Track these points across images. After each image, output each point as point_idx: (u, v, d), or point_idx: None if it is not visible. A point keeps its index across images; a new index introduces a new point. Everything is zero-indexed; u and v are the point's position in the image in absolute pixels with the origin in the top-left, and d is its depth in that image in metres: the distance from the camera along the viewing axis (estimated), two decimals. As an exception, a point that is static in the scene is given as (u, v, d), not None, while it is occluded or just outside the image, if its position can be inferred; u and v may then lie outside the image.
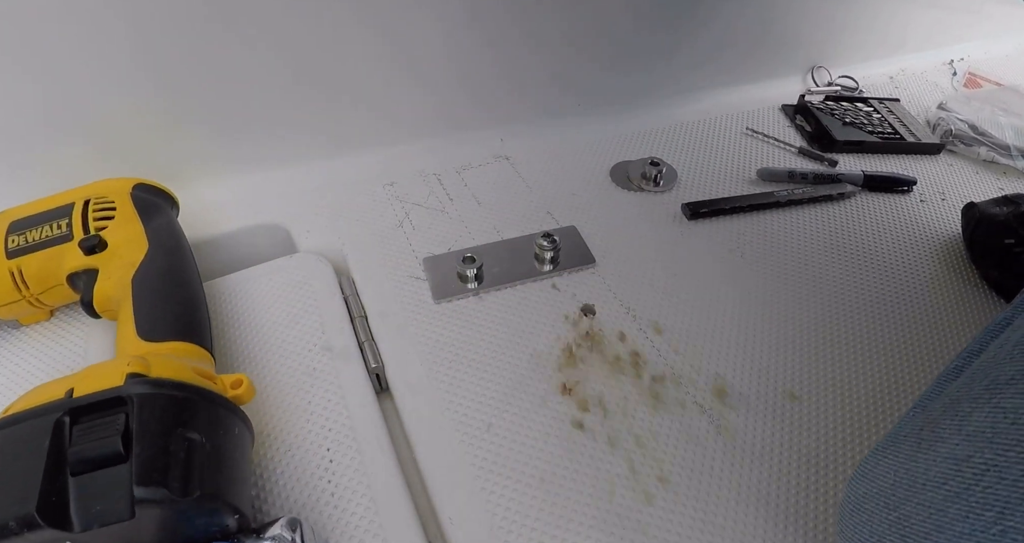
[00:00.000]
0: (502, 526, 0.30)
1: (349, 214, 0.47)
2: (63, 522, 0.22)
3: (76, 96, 0.41)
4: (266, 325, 0.38)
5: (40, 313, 0.38)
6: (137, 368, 0.27)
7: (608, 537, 0.30)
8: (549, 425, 0.34)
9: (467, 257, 0.41)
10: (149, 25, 0.40)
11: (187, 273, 0.36)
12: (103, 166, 0.42)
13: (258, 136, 0.48)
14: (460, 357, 0.37)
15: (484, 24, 0.50)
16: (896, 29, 0.72)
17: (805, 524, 0.31)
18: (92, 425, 0.24)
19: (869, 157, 0.59)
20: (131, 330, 0.31)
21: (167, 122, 0.44)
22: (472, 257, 0.41)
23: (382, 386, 0.37)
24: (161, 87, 0.43)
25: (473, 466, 0.32)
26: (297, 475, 0.31)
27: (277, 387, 0.35)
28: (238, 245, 0.46)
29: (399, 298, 0.41)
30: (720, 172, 0.54)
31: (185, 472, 0.24)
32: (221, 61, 0.43)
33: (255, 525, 0.26)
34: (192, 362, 0.29)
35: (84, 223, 0.36)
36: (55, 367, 0.36)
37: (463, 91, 0.53)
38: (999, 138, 0.59)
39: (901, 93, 0.70)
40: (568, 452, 0.33)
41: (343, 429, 0.33)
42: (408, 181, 0.50)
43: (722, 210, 0.49)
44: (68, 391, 0.25)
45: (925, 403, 0.27)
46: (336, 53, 0.46)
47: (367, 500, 0.30)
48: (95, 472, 0.23)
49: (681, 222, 0.49)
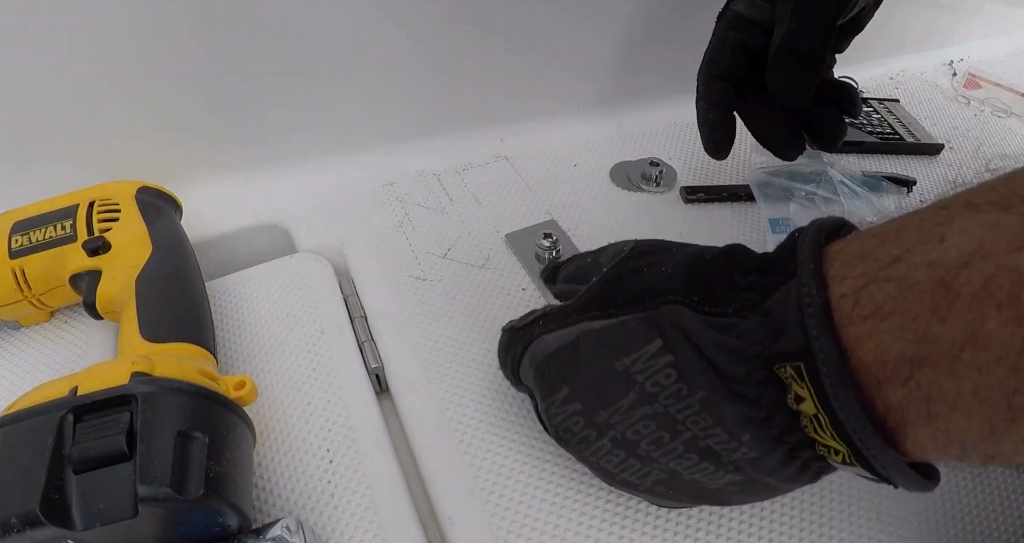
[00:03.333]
0: (502, 526, 0.30)
1: (349, 214, 0.47)
2: (65, 520, 0.22)
3: (77, 98, 0.41)
4: (265, 325, 0.38)
5: (41, 314, 0.38)
6: (142, 367, 0.27)
7: (609, 537, 0.30)
8: (549, 425, 0.34)
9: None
10: (149, 26, 0.40)
11: (191, 275, 0.36)
12: (103, 166, 0.42)
13: (258, 136, 0.48)
14: (460, 357, 0.37)
15: (484, 23, 0.50)
16: (896, 29, 0.73)
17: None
18: (96, 423, 0.24)
19: (869, 157, 0.59)
20: (134, 331, 0.31)
21: (168, 122, 0.45)
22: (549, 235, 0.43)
23: (382, 386, 0.37)
24: (162, 88, 0.43)
25: (473, 466, 0.32)
26: (297, 475, 0.31)
27: (277, 387, 0.35)
28: (237, 245, 0.46)
29: (399, 298, 0.41)
30: (720, 172, 0.54)
31: (188, 472, 0.24)
32: (221, 61, 0.43)
33: (256, 525, 0.27)
34: (195, 363, 0.30)
35: (88, 225, 0.36)
36: (55, 368, 0.36)
37: (463, 91, 0.53)
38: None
39: (901, 93, 0.70)
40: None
41: (343, 429, 0.33)
42: (408, 181, 0.51)
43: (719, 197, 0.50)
44: (72, 389, 0.26)
45: None
46: (336, 53, 0.47)
47: (367, 500, 0.30)
48: (98, 470, 0.23)
49: (681, 222, 0.49)
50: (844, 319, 0.19)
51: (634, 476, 0.26)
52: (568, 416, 0.26)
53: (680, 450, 0.24)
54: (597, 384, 0.25)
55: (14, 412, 0.25)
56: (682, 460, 0.24)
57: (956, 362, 0.17)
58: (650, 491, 0.26)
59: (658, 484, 0.26)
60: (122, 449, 0.23)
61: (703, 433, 0.23)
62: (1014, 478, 0.34)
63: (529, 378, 0.29)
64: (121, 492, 0.22)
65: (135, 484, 0.22)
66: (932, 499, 0.33)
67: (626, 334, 0.25)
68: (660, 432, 0.24)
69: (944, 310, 0.17)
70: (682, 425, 0.23)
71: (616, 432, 0.25)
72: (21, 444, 0.24)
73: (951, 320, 0.17)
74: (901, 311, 0.18)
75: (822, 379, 0.19)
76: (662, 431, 0.24)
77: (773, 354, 0.21)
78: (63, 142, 0.42)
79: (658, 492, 0.26)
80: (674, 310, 0.23)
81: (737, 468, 0.23)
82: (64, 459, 0.23)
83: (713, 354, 0.22)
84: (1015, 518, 0.33)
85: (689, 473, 0.24)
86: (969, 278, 0.17)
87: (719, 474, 0.24)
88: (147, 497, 0.22)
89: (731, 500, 0.26)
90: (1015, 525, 0.33)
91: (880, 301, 0.19)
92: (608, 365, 0.25)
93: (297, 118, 0.49)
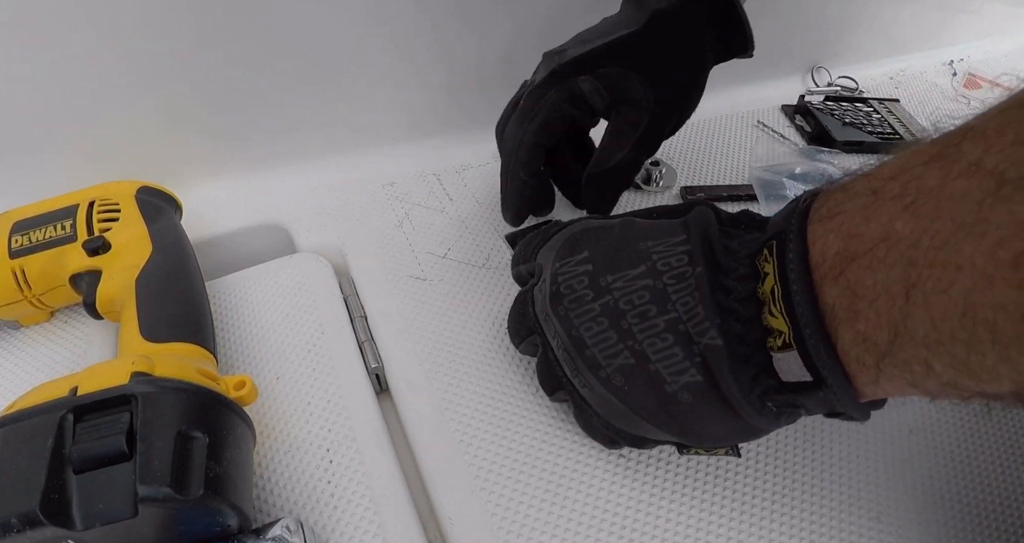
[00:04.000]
0: (502, 526, 0.30)
1: (349, 214, 0.47)
2: (65, 520, 0.22)
3: (77, 98, 0.41)
4: (265, 325, 0.38)
5: (41, 314, 0.38)
6: (142, 367, 0.27)
7: (608, 536, 0.30)
8: (550, 424, 0.34)
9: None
10: (150, 27, 0.40)
11: (191, 275, 0.36)
12: (103, 166, 0.42)
13: (258, 136, 0.48)
14: (460, 357, 0.37)
15: (484, 23, 0.50)
16: (896, 29, 0.73)
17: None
18: (96, 423, 0.24)
19: (869, 157, 0.59)
20: (134, 331, 0.31)
21: (167, 122, 0.45)
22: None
23: (382, 386, 0.37)
24: (161, 88, 0.43)
25: (473, 466, 0.32)
26: (297, 475, 0.31)
27: (277, 387, 0.35)
28: (237, 245, 0.46)
29: (399, 298, 0.41)
30: (720, 172, 0.55)
31: (189, 472, 0.24)
32: (221, 61, 0.43)
33: (256, 525, 0.27)
34: (195, 363, 0.30)
35: (88, 224, 0.36)
36: (55, 368, 0.36)
37: (463, 91, 0.53)
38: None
39: (901, 93, 0.70)
40: (569, 451, 0.33)
41: (343, 429, 0.33)
42: (408, 181, 0.51)
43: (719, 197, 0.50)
44: (72, 389, 0.26)
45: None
46: (336, 53, 0.47)
47: (367, 500, 0.30)
48: (98, 470, 0.23)
49: (681, 222, 0.49)
50: (808, 221, 0.23)
51: (604, 353, 0.27)
52: (576, 275, 0.29)
53: (660, 327, 0.26)
54: (615, 253, 0.29)
55: (14, 412, 0.25)
56: (656, 340, 0.26)
57: (873, 258, 0.20)
58: (607, 381, 0.27)
59: (619, 372, 0.27)
60: (122, 449, 0.23)
61: (686, 315, 0.26)
62: (1014, 478, 0.35)
63: (547, 254, 0.32)
64: (121, 492, 0.22)
65: (135, 484, 0.22)
66: (932, 499, 0.33)
67: (659, 226, 0.29)
68: (650, 305, 0.27)
69: (871, 212, 0.21)
70: (672, 305, 0.26)
71: (611, 298, 0.28)
72: (21, 444, 0.23)
73: (874, 221, 0.21)
74: (843, 213, 0.22)
75: (785, 252, 0.23)
76: (652, 304, 0.26)
77: (758, 247, 0.25)
78: (63, 142, 0.42)
79: (614, 384, 0.27)
80: (703, 212, 0.28)
81: (703, 363, 0.25)
82: (64, 459, 0.23)
83: (717, 249, 0.26)
84: (1015, 518, 0.33)
85: (656, 359, 0.26)
86: (892, 187, 0.20)
87: (682, 366, 0.25)
88: (147, 497, 0.22)
89: (675, 421, 0.27)
90: (1015, 525, 0.33)
91: (831, 206, 0.23)
92: (634, 243, 0.29)
93: (297, 118, 0.49)
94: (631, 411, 0.28)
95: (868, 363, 0.21)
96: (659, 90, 0.39)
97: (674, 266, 0.26)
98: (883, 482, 0.33)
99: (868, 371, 0.22)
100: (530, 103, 0.40)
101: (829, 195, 0.23)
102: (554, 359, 0.30)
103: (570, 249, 0.31)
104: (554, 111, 0.39)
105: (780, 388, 0.24)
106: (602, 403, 0.29)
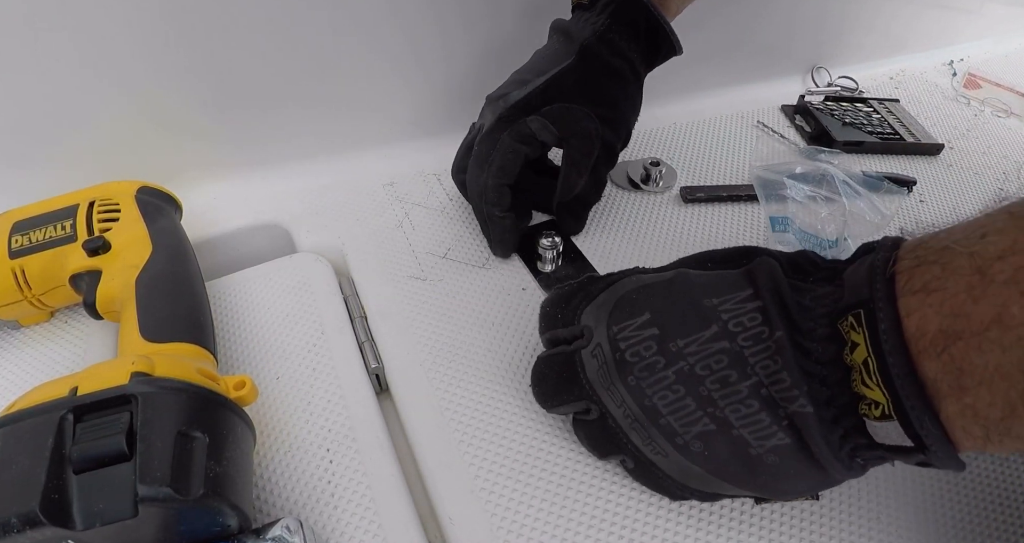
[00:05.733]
0: (502, 526, 0.30)
1: (349, 214, 0.47)
2: (65, 520, 0.22)
3: (77, 98, 0.41)
4: (265, 325, 0.38)
5: (40, 314, 0.38)
6: (142, 367, 0.27)
7: (609, 537, 0.30)
8: (550, 424, 0.34)
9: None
10: (149, 27, 0.40)
11: (191, 275, 0.36)
12: (103, 166, 0.42)
13: (258, 136, 0.48)
14: (460, 357, 0.37)
15: (484, 24, 0.50)
16: (896, 29, 0.73)
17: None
18: (96, 423, 0.24)
19: (869, 157, 0.59)
20: (134, 331, 0.31)
21: (167, 122, 0.45)
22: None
23: (382, 386, 0.37)
24: (162, 88, 0.43)
25: (473, 466, 0.32)
26: (297, 475, 0.31)
27: (277, 387, 0.35)
28: (237, 245, 0.46)
29: (399, 298, 0.41)
30: (720, 172, 0.55)
31: (189, 471, 0.24)
32: (221, 62, 0.43)
33: (256, 525, 0.26)
34: (195, 363, 0.30)
35: (88, 225, 0.36)
36: (55, 368, 0.36)
37: (463, 91, 0.53)
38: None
39: (901, 93, 0.70)
40: (569, 451, 0.33)
41: (343, 429, 0.33)
42: (408, 181, 0.51)
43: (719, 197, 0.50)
44: (72, 389, 0.26)
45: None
46: (336, 53, 0.47)
47: (367, 500, 0.30)
48: (98, 470, 0.23)
49: (681, 222, 0.49)
50: (898, 291, 0.22)
51: (681, 421, 0.26)
52: (642, 340, 0.27)
53: (743, 393, 0.25)
54: (681, 314, 0.27)
55: (14, 412, 0.25)
56: (740, 407, 0.25)
57: (984, 339, 0.20)
58: (685, 448, 0.27)
59: (697, 439, 0.26)
60: (122, 449, 0.23)
61: (768, 379, 0.25)
62: (1014, 478, 0.34)
63: (597, 314, 0.30)
64: (121, 492, 0.22)
65: (135, 484, 0.22)
66: (932, 499, 0.33)
67: (721, 279, 0.27)
68: (730, 370, 0.25)
69: (978, 292, 0.20)
70: (751, 369, 0.25)
71: (686, 364, 0.26)
72: (21, 444, 0.23)
73: (983, 302, 0.20)
74: (943, 290, 0.21)
75: (877, 323, 0.22)
76: (732, 369, 0.25)
77: (838, 310, 0.24)
78: (63, 142, 0.42)
79: (693, 450, 0.27)
80: (768, 264, 0.26)
81: (790, 425, 0.24)
82: (64, 459, 0.23)
83: (791, 306, 0.25)
84: (1015, 518, 0.33)
85: (740, 425, 0.25)
86: (1002, 268, 0.20)
87: (769, 431, 0.25)
88: (147, 497, 0.22)
89: (759, 479, 0.26)
90: (1015, 525, 0.33)
91: (927, 280, 0.22)
92: (698, 301, 0.27)
93: (297, 118, 0.49)
94: (710, 474, 0.27)
95: (976, 434, 0.21)
96: (603, 115, 0.40)
97: (748, 326, 0.25)
98: (882, 482, 0.33)
99: (975, 440, 0.22)
100: (485, 148, 0.41)
101: (920, 267, 0.22)
102: (615, 427, 0.29)
103: (628, 311, 0.29)
104: (509, 153, 0.40)
105: (872, 446, 0.24)
106: (678, 469, 0.28)
